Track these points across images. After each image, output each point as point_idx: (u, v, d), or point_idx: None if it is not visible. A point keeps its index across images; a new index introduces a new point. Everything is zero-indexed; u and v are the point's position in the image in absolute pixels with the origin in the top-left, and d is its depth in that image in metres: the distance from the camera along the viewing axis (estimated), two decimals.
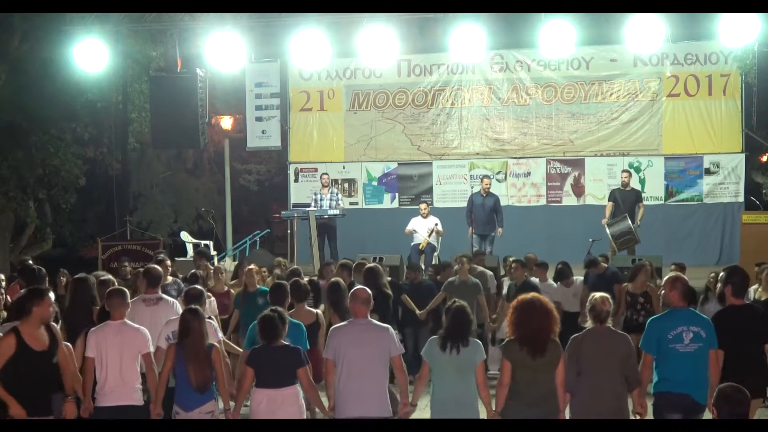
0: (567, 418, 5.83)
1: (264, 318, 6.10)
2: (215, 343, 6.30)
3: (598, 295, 6.04)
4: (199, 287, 7.46)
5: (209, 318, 6.90)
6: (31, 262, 9.25)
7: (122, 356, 6.15)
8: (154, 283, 7.62)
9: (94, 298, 7.31)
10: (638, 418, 5.91)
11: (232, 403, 6.24)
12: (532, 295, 5.93)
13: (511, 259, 10.89)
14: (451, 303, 6.14)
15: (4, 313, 7.71)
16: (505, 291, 10.64)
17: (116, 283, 7.44)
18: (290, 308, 7.30)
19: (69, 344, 6.25)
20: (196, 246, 16.98)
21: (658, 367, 5.99)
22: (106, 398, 6.15)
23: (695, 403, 5.83)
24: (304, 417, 6.22)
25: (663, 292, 6.33)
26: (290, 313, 6.93)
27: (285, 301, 7.13)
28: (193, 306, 6.39)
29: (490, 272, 11.27)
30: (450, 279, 10.13)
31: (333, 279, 8.46)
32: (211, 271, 10.64)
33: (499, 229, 14.07)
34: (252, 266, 9.69)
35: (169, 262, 10.64)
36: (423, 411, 6.46)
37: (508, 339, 5.90)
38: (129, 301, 6.53)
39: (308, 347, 6.69)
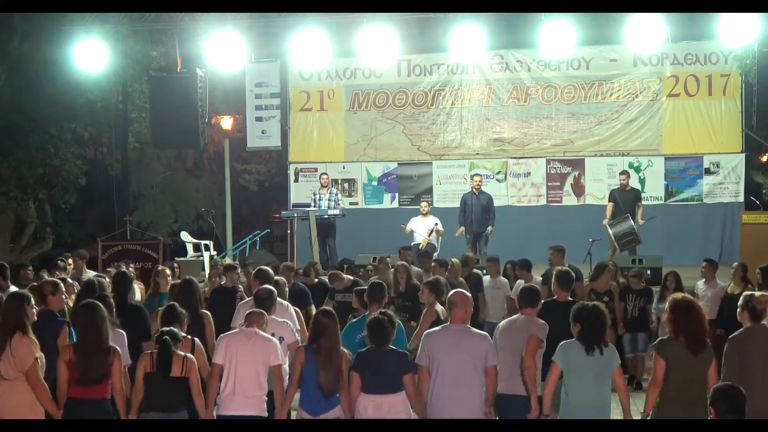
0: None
1: (374, 321, 5.85)
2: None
3: (758, 293, 6.08)
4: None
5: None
6: None
7: (250, 365, 5.96)
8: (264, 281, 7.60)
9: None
10: None
11: None
12: (685, 295, 5.90)
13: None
14: (583, 304, 5.89)
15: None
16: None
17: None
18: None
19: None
20: (196, 246, 16.95)
21: None
22: (228, 407, 5.95)
23: None
24: None
25: None
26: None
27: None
28: (327, 308, 6.25)
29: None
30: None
31: (434, 276, 7.91)
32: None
33: (489, 227, 13.97)
34: (162, 267, 9.38)
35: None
36: None
37: (662, 338, 5.78)
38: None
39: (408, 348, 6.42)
